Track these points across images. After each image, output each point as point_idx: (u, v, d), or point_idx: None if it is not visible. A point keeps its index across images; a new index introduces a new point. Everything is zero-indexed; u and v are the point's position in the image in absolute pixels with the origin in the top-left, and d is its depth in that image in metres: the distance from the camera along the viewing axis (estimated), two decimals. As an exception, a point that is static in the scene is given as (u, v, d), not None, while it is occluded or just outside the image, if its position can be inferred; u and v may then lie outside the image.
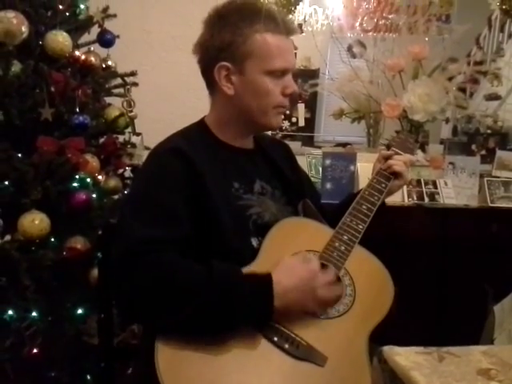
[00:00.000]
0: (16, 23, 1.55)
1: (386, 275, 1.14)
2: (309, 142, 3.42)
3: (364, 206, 1.19)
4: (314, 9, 3.27)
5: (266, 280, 0.99)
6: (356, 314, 1.06)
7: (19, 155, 1.54)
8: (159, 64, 2.48)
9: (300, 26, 2.72)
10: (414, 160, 1.34)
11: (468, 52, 2.94)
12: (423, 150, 2.39)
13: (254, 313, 0.97)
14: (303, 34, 2.90)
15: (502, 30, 2.81)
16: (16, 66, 1.58)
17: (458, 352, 0.87)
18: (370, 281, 1.13)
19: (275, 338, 0.98)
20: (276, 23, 1.11)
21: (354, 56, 2.57)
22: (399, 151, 1.31)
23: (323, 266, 1.07)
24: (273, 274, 1.00)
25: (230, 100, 1.14)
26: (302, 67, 3.19)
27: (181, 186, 1.06)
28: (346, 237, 1.13)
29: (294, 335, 1.00)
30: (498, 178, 2.23)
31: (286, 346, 0.98)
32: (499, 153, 2.33)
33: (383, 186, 1.25)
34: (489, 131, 2.56)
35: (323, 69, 2.86)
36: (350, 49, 2.60)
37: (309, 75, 2.94)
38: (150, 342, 0.97)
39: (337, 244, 1.12)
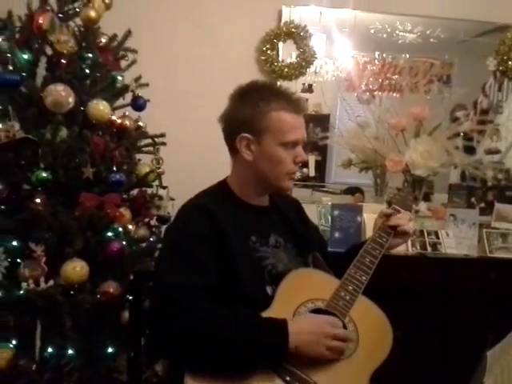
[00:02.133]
0: (64, 95, 1.75)
1: (386, 323, 1.27)
2: (319, 185, 3.57)
3: (367, 259, 1.34)
4: (325, 61, 3.47)
5: (282, 323, 1.15)
6: (359, 357, 1.20)
7: (64, 209, 1.72)
8: (183, 121, 2.68)
9: (310, 86, 2.93)
10: (411, 217, 1.50)
11: (475, 99, 3.05)
12: (427, 200, 2.53)
13: (271, 350, 1.12)
14: (313, 91, 3.11)
15: (500, 89, 2.99)
16: (63, 132, 1.77)
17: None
18: (371, 328, 1.26)
19: (287, 378, 1.13)
20: (289, 103, 1.31)
21: (361, 102, 2.78)
22: (399, 208, 1.46)
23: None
24: (289, 320, 1.16)
25: (249, 164, 1.32)
26: (313, 112, 3.33)
27: (206, 238, 1.22)
28: (350, 287, 1.28)
29: (304, 375, 1.14)
30: (498, 229, 2.37)
31: (297, 384, 1.13)
32: (497, 205, 2.47)
33: (384, 240, 1.40)
34: (489, 183, 2.72)
35: (332, 119, 3.04)
36: (359, 97, 2.81)
37: (320, 120, 3.11)
38: (177, 379, 1.12)
39: (342, 293, 1.26)
